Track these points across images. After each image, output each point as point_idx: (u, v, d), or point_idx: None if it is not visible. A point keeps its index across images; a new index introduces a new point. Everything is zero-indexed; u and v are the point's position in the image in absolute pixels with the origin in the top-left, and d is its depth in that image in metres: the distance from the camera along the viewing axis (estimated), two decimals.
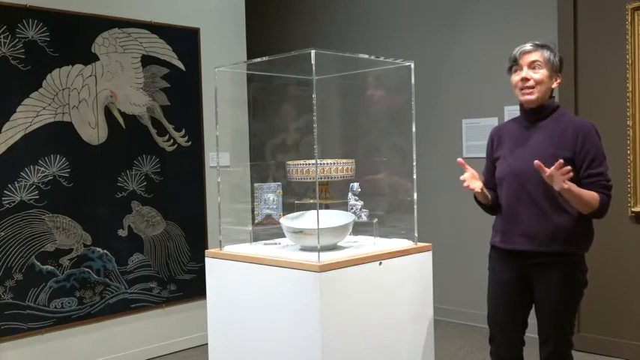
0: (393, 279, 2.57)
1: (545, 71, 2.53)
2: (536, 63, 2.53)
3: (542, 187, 2.46)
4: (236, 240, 2.83)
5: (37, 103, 3.85)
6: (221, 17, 4.81)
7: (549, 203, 2.49)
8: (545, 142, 2.52)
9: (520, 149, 2.58)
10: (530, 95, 2.54)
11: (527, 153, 2.53)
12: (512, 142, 2.63)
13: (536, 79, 2.53)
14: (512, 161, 2.59)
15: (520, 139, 2.60)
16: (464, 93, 4.95)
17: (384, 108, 3.24)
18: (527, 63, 2.54)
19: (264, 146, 3.62)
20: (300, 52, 2.43)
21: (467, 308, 4.90)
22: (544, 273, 2.54)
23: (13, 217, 3.76)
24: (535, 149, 2.52)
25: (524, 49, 2.55)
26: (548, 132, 2.54)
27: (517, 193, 2.55)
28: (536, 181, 2.46)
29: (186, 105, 4.55)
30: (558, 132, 2.52)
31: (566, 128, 2.51)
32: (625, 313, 4.10)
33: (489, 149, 2.76)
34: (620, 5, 4.02)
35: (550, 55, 2.55)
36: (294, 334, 2.38)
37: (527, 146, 2.56)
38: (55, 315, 3.92)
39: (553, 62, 2.55)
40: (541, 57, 2.53)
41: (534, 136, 2.56)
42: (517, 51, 2.57)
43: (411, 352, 2.65)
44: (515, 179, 2.56)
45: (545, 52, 2.55)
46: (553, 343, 2.56)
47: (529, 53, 2.54)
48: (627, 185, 4.02)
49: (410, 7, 5.30)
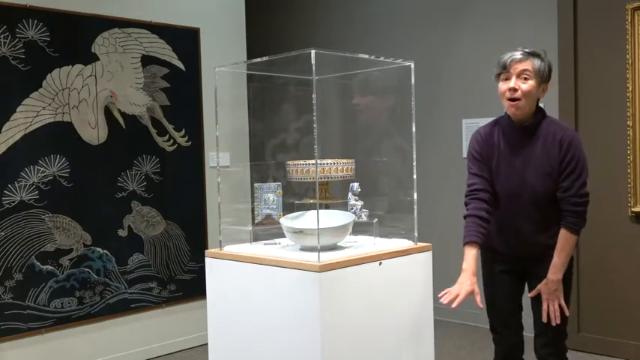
0: (393, 279, 2.57)
1: (533, 82, 2.50)
2: (526, 73, 2.50)
3: (536, 206, 2.56)
4: (236, 240, 2.82)
5: (37, 103, 3.85)
6: (221, 17, 4.81)
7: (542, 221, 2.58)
8: (538, 161, 2.54)
9: (514, 167, 2.58)
10: (516, 109, 2.53)
11: (522, 172, 2.56)
12: (505, 157, 2.61)
13: (524, 91, 2.49)
14: (506, 180, 2.60)
15: (512, 155, 2.59)
16: (464, 93, 4.95)
17: (384, 108, 3.24)
18: (517, 72, 2.50)
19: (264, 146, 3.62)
20: (300, 52, 2.43)
21: (467, 308, 4.86)
22: (536, 267, 2.62)
23: (13, 217, 3.77)
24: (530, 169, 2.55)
25: (514, 57, 2.51)
26: (539, 149, 2.54)
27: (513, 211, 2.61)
28: (532, 199, 2.56)
29: (186, 105, 4.55)
30: (548, 145, 2.53)
31: (554, 140, 2.52)
32: (625, 313, 4.10)
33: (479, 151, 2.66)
34: (620, 5, 4.02)
35: (540, 64, 2.52)
36: (294, 334, 2.38)
37: (522, 165, 2.57)
38: (55, 315, 3.92)
39: (543, 72, 2.52)
40: (531, 66, 2.50)
41: (527, 153, 2.56)
42: (507, 59, 2.52)
43: (411, 352, 2.65)
44: (511, 198, 2.60)
45: (535, 60, 2.51)
46: (548, 335, 2.62)
47: (520, 62, 2.50)
48: (627, 185, 4.02)
49: (410, 7, 5.30)
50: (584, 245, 4.14)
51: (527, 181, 2.55)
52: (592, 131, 4.13)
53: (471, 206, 2.61)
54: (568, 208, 2.52)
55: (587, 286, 4.21)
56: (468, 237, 2.57)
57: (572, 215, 2.53)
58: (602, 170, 3.99)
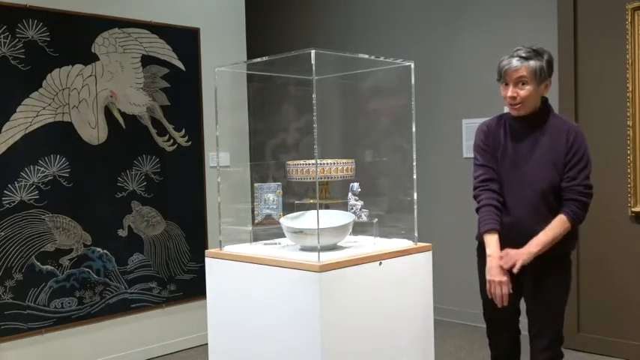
0: (393, 279, 2.57)
1: (530, 86, 2.51)
2: (522, 79, 2.51)
3: (540, 196, 2.55)
4: (236, 240, 2.82)
5: (37, 103, 3.85)
6: (221, 17, 4.81)
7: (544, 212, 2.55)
8: (543, 151, 2.56)
9: (519, 157, 2.60)
10: (518, 111, 2.58)
11: (527, 161, 2.57)
12: (510, 148, 2.62)
13: (522, 96, 2.52)
14: (511, 169, 2.61)
15: (518, 146, 2.61)
16: (464, 93, 4.95)
17: (384, 108, 3.24)
18: (513, 80, 2.52)
19: (264, 146, 3.62)
20: (300, 52, 2.43)
21: (467, 308, 4.90)
22: (533, 269, 2.58)
23: (13, 217, 3.76)
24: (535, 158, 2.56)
25: (510, 66, 2.52)
26: (545, 140, 2.56)
27: (516, 200, 2.59)
28: (535, 189, 2.55)
29: (186, 105, 4.55)
30: (554, 138, 2.55)
31: (560, 132, 2.55)
32: (625, 313, 4.10)
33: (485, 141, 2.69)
34: (620, 5, 4.02)
35: (536, 65, 2.51)
36: (294, 334, 2.38)
37: (527, 154, 2.58)
38: (55, 315, 3.92)
39: (540, 72, 2.52)
40: (526, 71, 2.50)
41: (532, 143, 2.58)
42: (503, 66, 2.54)
43: (411, 352, 2.65)
44: (515, 188, 2.59)
45: (531, 63, 2.50)
46: (544, 338, 2.60)
47: (515, 70, 2.51)
48: (627, 185, 4.02)
49: (410, 7, 5.30)
50: (584, 245, 4.14)
51: (532, 170, 2.56)
52: (592, 131, 4.12)
53: (484, 196, 2.62)
54: (572, 196, 2.52)
55: (587, 286, 4.21)
56: (486, 225, 2.59)
57: (574, 204, 2.52)
58: (602, 170, 3.99)
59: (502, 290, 2.52)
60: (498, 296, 2.54)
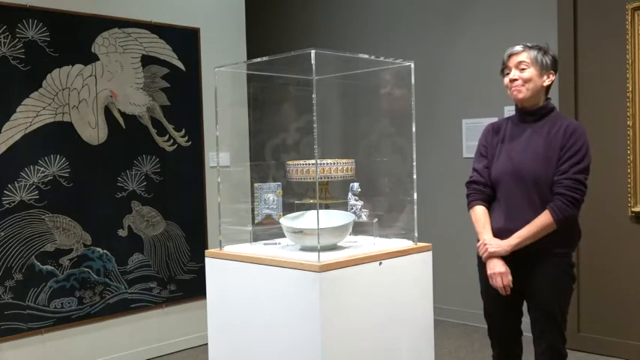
0: (393, 279, 2.57)
1: (532, 70, 2.56)
2: (523, 63, 2.57)
3: (536, 188, 2.53)
4: (236, 240, 2.82)
5: (37, 103, 3.85)
6: (221, 17, 4.81)
7: (540, 206, 2.53)
8: (539, 144, 2.56)
9: (515, 150, 2.61)
10: (518, 92, 2.58)
11: (522, 154, 2.58)
12: (508, 142, 2.64)
13: (524, 78, 2.57)
14: (507, 162, 2.61)
15: (515, 140, 2.63)
16: (464, 93, 4.95)
17: (384, 108, 3.24)
18: (515, 64, 2.59)
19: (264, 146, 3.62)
20: (300, 52, 2.43)
21: (467, 308, 4.90)
22: (534, 270, 2.56)
23: (13, 217, 3.76)
24: (530, 151, 2.57)
25: (512, 50, 2.61)
26: (543, 134, 2.57)
27: (513, 193, 2.58)
28: (530, 181, 2.54)
29: (186, 105, 4.55)
30: (552, 134, 2.55)
31: (559, 129, 2.55)
32: (625, 313, 4.10)
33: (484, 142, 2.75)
34: (620, 5, 4.02)
35: (538, 54, 2.58)
36: (294, 334, 2.38)
37: (523, 147, 2.59)
38: (55, 315, 3.92)
39: (542, 60, 2.58)
40: (528, 57, 2.57)
41: (529, 137, 2.60)
42: (506, 52, 2.63)
43: (411, 352, 2.65)
44: (511, 179, 2.59)
45: (532, 51, 2.58)
46: (547, 339, 2.58)
47: (517, 54, 2.59)
48: (627, 185, 4.02)
49: (410, 7, 5.30)
50: (585, 245, 4.13)
51: (527, 162, 2.55)
52: (592, 131, 4.10)
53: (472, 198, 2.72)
54: (559, 190, 2.48)
55: (587, 286, 4.21)
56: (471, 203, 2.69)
57: (560, 198, 2.47)
58: (602, 170, 3.99)
59: (503, 281, 2.55)
60: (500, 288, 2.56)
